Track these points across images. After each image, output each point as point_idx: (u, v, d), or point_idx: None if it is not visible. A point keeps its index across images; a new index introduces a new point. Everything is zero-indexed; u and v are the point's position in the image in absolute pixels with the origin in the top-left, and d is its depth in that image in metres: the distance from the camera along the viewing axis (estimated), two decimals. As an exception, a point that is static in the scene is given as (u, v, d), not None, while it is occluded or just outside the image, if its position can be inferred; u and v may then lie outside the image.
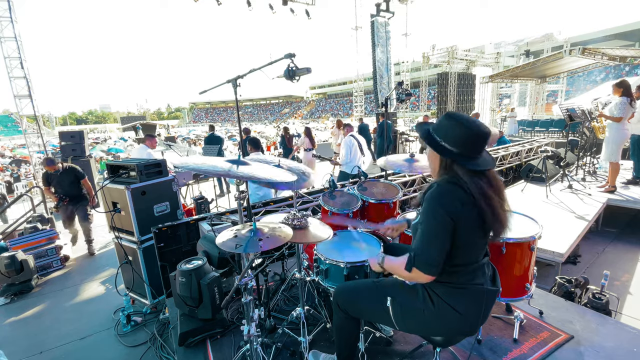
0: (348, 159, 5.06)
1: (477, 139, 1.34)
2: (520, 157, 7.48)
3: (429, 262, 1.33)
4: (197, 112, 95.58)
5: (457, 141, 1.34)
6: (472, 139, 1.34)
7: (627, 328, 2.32)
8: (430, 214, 1.34)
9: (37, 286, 4.06)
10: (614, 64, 13.20)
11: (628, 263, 3.86)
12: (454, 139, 1.34)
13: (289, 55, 2.19)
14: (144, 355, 2.64)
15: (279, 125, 21.84)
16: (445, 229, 1.31)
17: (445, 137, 1.36)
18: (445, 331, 1.50)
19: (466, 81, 18.96)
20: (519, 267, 2.12)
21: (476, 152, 1.36)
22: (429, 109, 30.07)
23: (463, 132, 1.33)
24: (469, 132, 1.33)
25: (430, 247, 1.33)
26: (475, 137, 1.34)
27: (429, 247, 1.33)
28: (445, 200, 1.32)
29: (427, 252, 1.33)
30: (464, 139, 1.33)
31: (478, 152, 1.36)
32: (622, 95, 4.79)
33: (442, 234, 1.31)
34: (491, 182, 1.36)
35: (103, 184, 3.12)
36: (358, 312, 1.71)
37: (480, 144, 1.36)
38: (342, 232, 2.40)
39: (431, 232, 1.33)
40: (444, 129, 1.38)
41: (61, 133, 7.66)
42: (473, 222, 1.33)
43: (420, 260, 1.34)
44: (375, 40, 12.18)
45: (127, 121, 40.49)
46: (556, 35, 27.20)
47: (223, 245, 1.58)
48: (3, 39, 8.52)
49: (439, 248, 1.32)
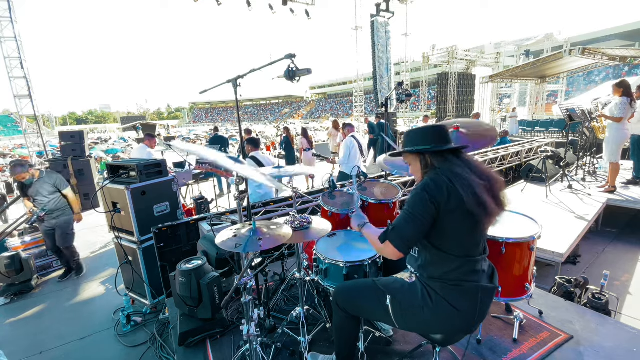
0: (346, 159, 5.04)
1: (437, 130, 1.56)
2: (520, 157, 7.49)
3: (401, 237, 1.41)
4: (197, 112, 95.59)
5: (424, 138, 1.54)
6: (433, 131, 1.55)
7: (627, 328, 2.33)
8: (415, 197, 1.43)
9: (37, 286, 4.06)
10: (614, 64, 13.21)
11: (628, 263, 3.86)
12: (422, 138, 1.55)
13: (290, 56, 2.20)
14: (144, 355, 2.64)
15: (278, 126, 21.80)
16: (426, 212, 1.38)
17: (415, 143, 1.56)
18: (444, 329, 1.51)
19: (466, 81, 18.96)
20: (518, 267, 2.11)
21: (443, 141, 1.52)
22: (429, 109, 30.07)
23: (424, 131, 1.57)
24: (428, 129, 1.57)
25: (407, 224, 1.41)
26: (434, 129, 1.56)
27: (407, 225, 1.41)
28: (430, 188, 1.40)
29: (403, 229, 1.41)
30: (428, 134, 1.54)
31: (445, 141, 1.53)
32: (622, 96, 4.79)
33: (422, 216, 1.38)
34: (470, 165, 1.46)
35: (103, 184, 3.12)
36: (358, 311, 1.72)
37: (443, 133, 1.55)
38: (342, 232, 2.40)
39: (412, 212, 1.40)
40: (411, 139, 1.59)
41: (61, 133, 7.65)
42: (458, 210, 1.37)
43: (394, 234, 1.42)
44: (375, 40, 12.19)
45: (127, 121, 40.47)
46: (556, 35, 27.23)
47: (223, 245, 1.58)
48: (3, 39, 8.52)
49: (415, 228, 1.39)
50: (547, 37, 25.13)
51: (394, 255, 1.43)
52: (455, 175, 1.39)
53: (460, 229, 1.41)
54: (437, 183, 1.39)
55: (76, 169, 7.25)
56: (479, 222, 1.41)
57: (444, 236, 1.42)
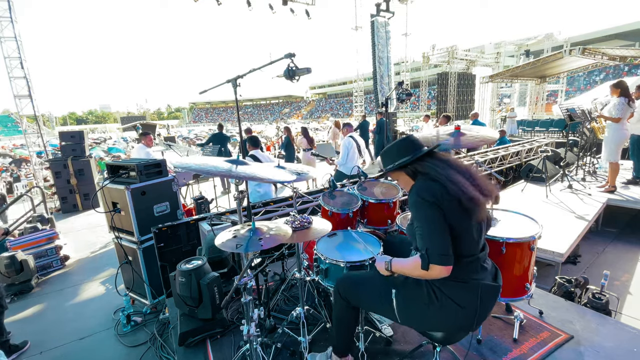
0: (345, 160, 5.03)
1: (407, 141, 1.60)
2: (520, 157, 7.48)
3: (441, 253, 1.36)
4: (197, 112, 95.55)
5: (399, 153, 1.57)
6: (404, 144, 1.59)
7: (627, 328, 2.32)
8: (420, 211, 1.42)
9: (37, 286, 4.05)
10: (614, 64, 13.20)
11: (628, 263, 3.86)
12: (397, 153, 1.58)
13: (289, 55, 2.19)
14: (144, 355, 2.64)
15: (278, 126, 21.79)
16: (438, 218, 1.38)
17: (393, 160, 1.60)
18: (447, 326, 1.51)
19: (466, 81, 18.97)
20: (518, 267, 2.11)
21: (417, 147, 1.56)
22: (429, 109, 30.05)
23: (397, 146, 1.60)
24: (399, 143, 1.60)
25: (435, 239, 1.38)
26: (404, 141, 1.60)
27: (435, 240, 1.38)
28: (425, 193, 1.41)
29: (436, 245, 1.37)
30: (401, 148, 1.58)
31: (419, 147, 1.57)
32: (620, 96, 4.80)
33: (438, 223, 1.38)
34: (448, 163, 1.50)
35: (103, 184, 3.12)
36: (359, 302, 1.73)
37: (414, 142, 1.59)
38: (342, 232, 2.40)
39: (429, 226, 1.39)
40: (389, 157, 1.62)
41: (61, 133, 7.66)
42: (455, 208, 1.39)
43: (433, 255, 1.37)
44: (375, 40, 12.19)
45: (127, 121, 40.46)
46: (556, 35, 27.19)
47: (223, 246, 1.58)
48: (3, 39, 8.51)
49: (443, 237, 1.38)
50: (547, 37, 25.11)
51: (445, 272, 1.38)
52: (440, 175, 1.43)
53: (458, 227, 1.41)
54: (431, 187, 1.42)
55: (76, 169, 7.26)
56: (472, 217, 1.42)
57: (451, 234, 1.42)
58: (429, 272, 1.39)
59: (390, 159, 1.60)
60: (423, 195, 1.41)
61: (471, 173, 1.48)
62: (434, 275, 1.40)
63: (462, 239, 1.42)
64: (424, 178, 1.49)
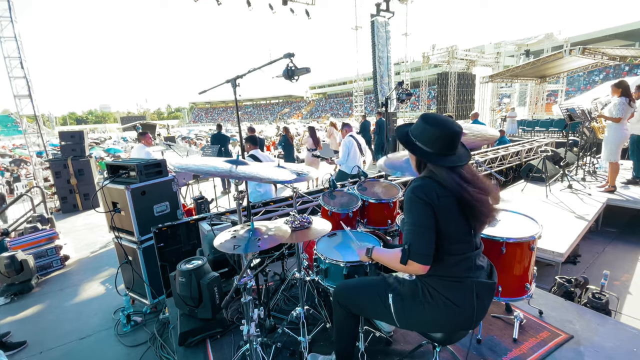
0: (345, 159, 5.04)
1: (449, 138, 1.44)
2: (520, 157, 7.49)
3: (421, 252, 1.38)
4: (197, 112, 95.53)
5: (432, 141, 1.45)
6: (444, 139, 1.44)
7: (627, 328, 2.32)
8: (412, 208, 1.42)
9: (37, 286, 4.06)
10: (614, 64, 13.20)
11: (628, 263, 3.86)
12: (429, 139, 1.45)
13: (288, 55, 2.19)
14: (144, 355, 2.64)
15: (278, 126, 21.79)
16: (428, 218, 1.38)
17: (421, 139, 1.48)
18: (445, 326, 1.51)
19: (466, 81, 18.98)
20: (518, 266, 2.11)
21: (450, 149, 1.45)
22: (429, 109, 30.08)
23: (436, 133, 1.44)
24: (441, 133, 1.44)
25: (420, 238, 1.39)
26: (447, 136, 1.44)
27: (419, 239, 1.39)
28: (420, 192, 1.40)
29: (418, 243, 1.39)
30: (437, 139, 1.44)
31: (452, 149, 1.46)
32: (621, 96, 4.80)
33: (427, 223, 1.38)
34: (463, 175, 1.44)
35: (103, 184, 3.12)
36: (359, 310, 1.72)
37: (453, 142, 1.46)
38: (342, 232, 2.40)
39: (417, 223, 1.40)
40: (420, 130, 1.49)
41: (61, 133, 7.66)
42: (452, 211, 1.39)
43: (414, 251, 1.39)
44: (375, 40, 12.19)
45: (127, 121, 40.50)
46: (556, 35, 27.12)
47: (221, 247, 1.58)
48: (3, 39, 8.51)
49: (428, 237, 1.38)
50: (547, 37, 25.05)
51: (422, 270, 1.40)
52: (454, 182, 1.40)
53: (456, 229, 1.41)
54: (429, 187, 1.41)
55: (76, 169, 7.26)
56: (469, 218, 1.42)
57: (439, 235, 1.42)
58: (406, 267, 1.43)
59: (417, 135, 1.49)
60: (417, 193, 1.40)
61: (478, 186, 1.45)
62: (410, 270, 1.44)
63: (454, 240, 1.42)
64: (430, 174, 1.45)
